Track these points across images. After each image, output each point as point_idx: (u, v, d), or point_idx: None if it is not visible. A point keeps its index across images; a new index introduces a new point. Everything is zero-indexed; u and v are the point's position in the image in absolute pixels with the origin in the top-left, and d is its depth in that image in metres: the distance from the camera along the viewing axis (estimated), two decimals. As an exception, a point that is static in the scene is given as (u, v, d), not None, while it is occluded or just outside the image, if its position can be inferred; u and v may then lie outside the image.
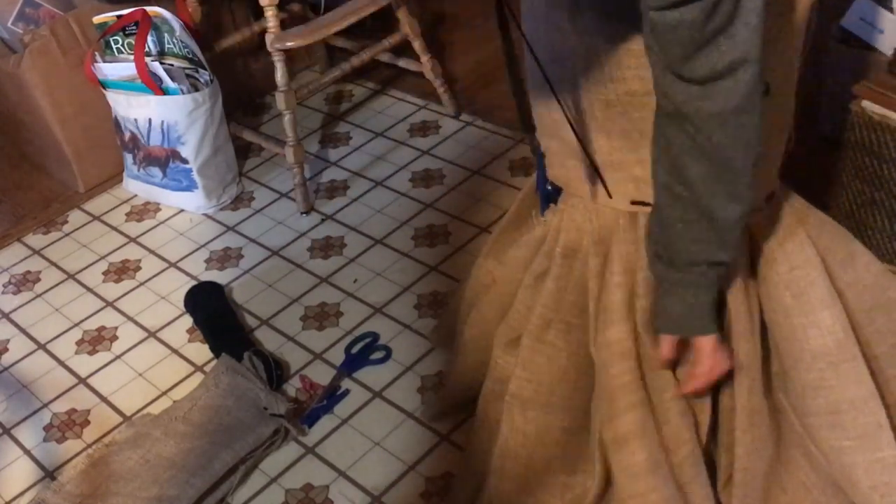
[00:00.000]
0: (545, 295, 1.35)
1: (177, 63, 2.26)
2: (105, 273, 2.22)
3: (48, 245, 2.34)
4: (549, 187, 1.36)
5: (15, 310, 2.15)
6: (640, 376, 1.30)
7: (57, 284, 2.21)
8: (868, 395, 1.26)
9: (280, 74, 2.17)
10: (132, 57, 2.21)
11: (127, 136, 2.34)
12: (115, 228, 2.37)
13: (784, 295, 1.27)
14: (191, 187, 2.34)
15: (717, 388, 1.32)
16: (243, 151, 2.53)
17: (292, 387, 1.84)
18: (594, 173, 1.24)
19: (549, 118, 1.27)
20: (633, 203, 1.25)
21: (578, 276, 1.33)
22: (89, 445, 1.79)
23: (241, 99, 2.68)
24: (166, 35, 2.25)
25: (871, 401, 1.26)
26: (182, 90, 2.22)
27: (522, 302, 1.41)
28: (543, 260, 1.36)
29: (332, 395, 1.80)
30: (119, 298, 2.14)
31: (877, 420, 1.26)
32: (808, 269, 1.27)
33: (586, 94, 1.19)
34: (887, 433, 1.27)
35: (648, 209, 1.19)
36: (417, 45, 2.42)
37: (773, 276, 1.27)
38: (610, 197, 1.26)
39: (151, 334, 2.03)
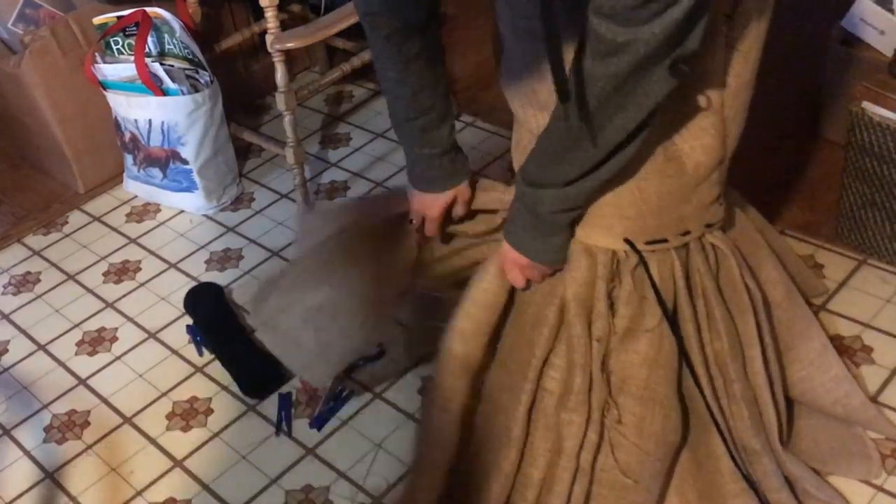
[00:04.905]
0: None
1: (177, 64, 2.26)
2: (105, 274, 2.22)
3: (48, 246, 2.34)
4: None
5: (15, 311, 2.15)
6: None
7: (57, 285, 2.21)
8: (809, 321, 1.52)
9: (280, 75, 2.17)
10: (132, 58, 2.21)
11: (127, 136, 2.34)
12: (115, 229, 2.37)
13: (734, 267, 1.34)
14: (191, 188, 2.34)
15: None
16: (243, 152, 2.53)
17: (293, 388, 1.84)
18: None
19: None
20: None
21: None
22: (89, 446, 1.80)
23: (242, 100, 2.68)
24: (166, 36, 2.25)
25: (812, 326, 1.53)
26: (182, 91, 2.22)
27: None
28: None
29: (338, 398, 1.80)
30: (119, 299, 2.14)
31: (821, 343, 1.53)
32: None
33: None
34: (832, 353, 1.54)
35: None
36: (417, 45, 2.41)
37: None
38: None
39: (151, 335, 2.03)
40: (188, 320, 2.04)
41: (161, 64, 2.22)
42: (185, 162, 2.30)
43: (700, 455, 1.39)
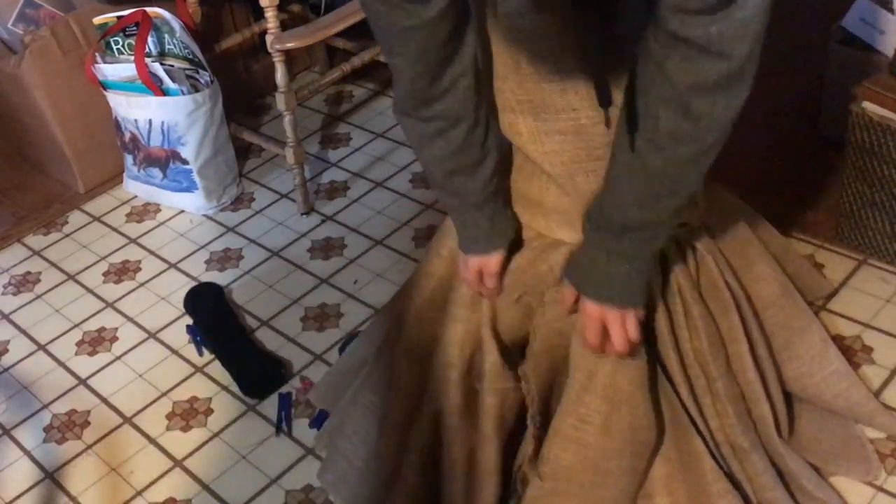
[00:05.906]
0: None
1: (177, 64, 2.26)
2: (105, 274, 2.22)
3: (48, 246, 2.34)
4: None
5: (15, 311, 2.15)
6: None
7: (57, 285, 2.21)
8: (807, 317, 1.53)
9: (280, 75, 2.17)
10: (132, 58, 2.21)
11: (127, 136, 2.34)
12: (115, 229, 2.37)
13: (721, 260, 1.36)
14: (191, 188, 2.34)
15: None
16: (243, 152, 2.54)
17: (293, 388, 1.84)
18: None
19: None
20: None
21: None
22: (89, 446, 1.80)
23: (242, 100, 2.67)
24: (167, 36, 2.25)
25: (811, 322, 1.53)
26: (182, 91, 2.22)
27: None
28: None
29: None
30: (119, 299, 2.14)
31: (821, 338, 1.53)
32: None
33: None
34: (833, 348, 1.55)
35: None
36: (417, 45, 2.41)
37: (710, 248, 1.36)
38: None
39: (151, 335, 2.03)
40: (188, 320, 2.04)
41: (161, 64, 2.22)
42: (185, 162, 2.30)
43: (685, 455, 1.39)
